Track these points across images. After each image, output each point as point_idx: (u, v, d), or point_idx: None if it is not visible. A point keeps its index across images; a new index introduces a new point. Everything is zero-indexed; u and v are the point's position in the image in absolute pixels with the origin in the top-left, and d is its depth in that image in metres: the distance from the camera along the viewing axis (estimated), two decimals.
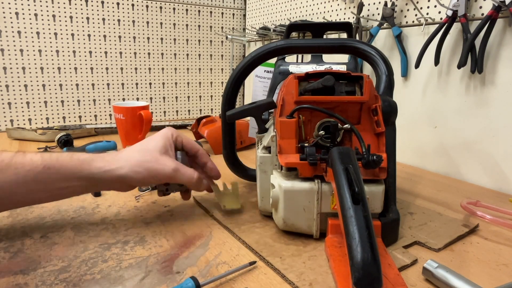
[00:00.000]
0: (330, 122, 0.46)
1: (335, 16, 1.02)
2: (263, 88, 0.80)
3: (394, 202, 0.47)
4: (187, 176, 0.49)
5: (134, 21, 1.27)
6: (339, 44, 0.56)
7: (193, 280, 0.35)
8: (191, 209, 0.56)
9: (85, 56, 1.22)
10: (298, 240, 0.47)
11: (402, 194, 0.65)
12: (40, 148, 0.89)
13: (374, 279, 0.30)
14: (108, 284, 0.37)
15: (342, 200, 0.35)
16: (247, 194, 0.63)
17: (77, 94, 1.23)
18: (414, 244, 0.47)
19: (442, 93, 0.78)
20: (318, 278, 0.39)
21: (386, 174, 0.45)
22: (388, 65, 0.53)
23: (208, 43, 1.43)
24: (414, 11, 0.81)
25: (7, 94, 1.12)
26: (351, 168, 0.37)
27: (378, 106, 0.46)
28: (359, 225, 0.32)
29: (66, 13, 1.16)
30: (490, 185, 0.71)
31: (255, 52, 0.56)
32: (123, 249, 0.44)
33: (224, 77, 1.50)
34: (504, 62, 0.67)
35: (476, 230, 0.51)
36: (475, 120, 0.72)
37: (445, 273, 0.37)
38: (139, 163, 0.47)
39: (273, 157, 0.50)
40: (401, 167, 0.83)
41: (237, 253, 0.44)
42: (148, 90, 1.35)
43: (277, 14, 1.26)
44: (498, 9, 0.64)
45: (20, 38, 1.11)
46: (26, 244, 0.44)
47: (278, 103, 0.48)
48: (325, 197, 0.44)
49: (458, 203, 0.59)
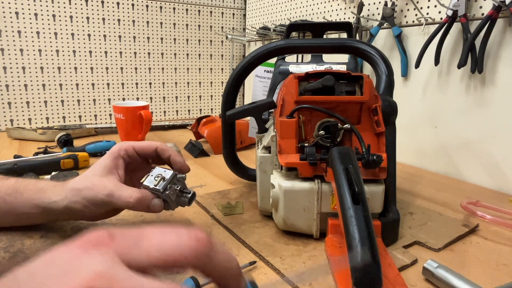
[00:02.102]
0: (330, 122, 0.46)
1: (335, 16, 1.02)
2: (263, 88, 0.80)
3: (394, 202, 0.47)
4: (122, 200, 0.42)
5: (134, 21, 1.27)
6: (339, 44, 0.56)
7: (193, 280, 0.35)
8: (191, 209, 0.56)
9: (85, 56, 1.22)
10: (298, 240, 0.47)
11: (402, 194, 0.65)
12: (40, 148, 0.89)
13: (374, 279, 0.30)
14: None
15: (342, 200, 0.35)
16: (247, 194, 0.63)
17: (77, 94, 1.23)
18: (414, 244, 0.47)
19: (442, 93, 0.78)
20: (318, 278, 0.39)
21: (386, 174, 0.45)
22: (388, 65, 0.53)
23: (208, 43, 1.43)
24: (414, 11, 0.81)
25: (7, 94, 1.12)
26: (351, 168, 0.37)
27: (378, 106, 0.46)
28: (359, 225, 0.32)
29: (66, 13, 1.16)
30: (490, 185, 0.71)
31: (255, 52, 0.56)
32: None
33: (224, 77, 1.50)
34: (504, 62, 0.67)
35: (476, 230, 0.51)
36: (475, 120, 0.72)
37: (445, 273, 0.37)
38: (76, 192, 0.43)
39: (273, 157, 0.50)
40: (401, 167, 0.83)
41: (237, 253, 0.44)
42: (148, 90, 1.35)
43: (277, 14, 1.26)
44: (498, 9, 0.64)
45: (20, 38, 1.11)
46: (26, 244, 0.44)
47: (278, 103, 0.48)
48: (325, 197, 0.44)
49: (458, 203, 0.59)
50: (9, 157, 0.78)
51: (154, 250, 0.23)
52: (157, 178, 0.43)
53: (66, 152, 0.78)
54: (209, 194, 0.62)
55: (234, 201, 0.59)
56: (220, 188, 0.65)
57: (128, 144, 0.47)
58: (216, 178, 0.71)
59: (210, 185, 0.67)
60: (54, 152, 0.83)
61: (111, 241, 0.23)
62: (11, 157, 0.78)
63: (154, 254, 0.23)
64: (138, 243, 0.24)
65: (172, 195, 0.43)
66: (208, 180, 0.70)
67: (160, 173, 0.43)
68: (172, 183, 0.43)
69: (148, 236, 0.24)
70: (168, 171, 0.44)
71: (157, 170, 0.44)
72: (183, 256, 0.23)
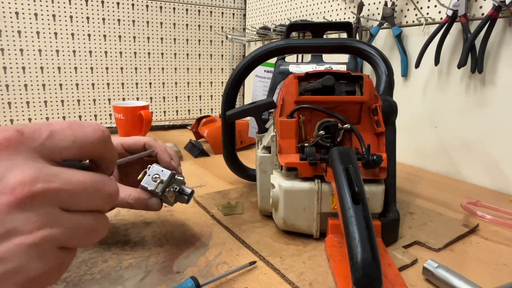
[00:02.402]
0: (330, 122, 0.46)
1: (335, 16, 1.02)
2: (263, 88, 0.80)
3: (394, 202, 0.47)
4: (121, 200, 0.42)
5: (134, 21, 1.27)
6: (339, 44, 0.56)
7: (193, 280, 0.35)
8: (191, 209, 0.56)
9: (85, 56, 1.22)
10: (298, 240, 0.47)
11: (402, 194, 0.65)
12: None
13: (374, 279, 0.30)
14: (108, 284, 0.37)
15: (342, 200, 0.35)
16: (247, 194, 0.63)
17: (77, 94, 1.23)
18: (414, 244, 0.47)
19: (442, 93, 0.78)
20: (318, 278, 0.39)
21: (386, 174, 0.45)
22: (388, 65, 0.53)
23: (208, 43, 1.43)
24: (414, 11, 0.81)
25: (7, 93, 1.12)
26: (351, 168, 0.37)
27: (378, 106, 0.46)
28: (359, 225, 0.32)
29: (66, 13, 1.16)
30: (490, 185, 0.71)
31: (255, 52, 0.56)
32: (123, 249, 0.44)
33: (224, 77, 1.50)
34: (504, 62, 0.67)
35: (476, 230, 0.51)
36: (475, 120, 0.72)
37: (445, 273, 0.37)
38: None
39: (273, 157, 0.50)
40: (401, 167, 0.83)
41: (237, 253, 0.44)
42: (148, 90, 1.35)
43: (277, 14, 1.26)
44: (498, 9, 0.64)
45: (20, 38, 1.11)
46: None
47: (278, 103, 0.48)
48: (325, 197, 0.44)
49: (458, 203, 0.59)
50: None
51: (67, 142, 0.24)
52: (154, 178, 0.42)
53: None
54: (209, 194, 0.62)
55: (234, 201, 0.59)
56: (220, 188, 0.65)
57: (116, 142, 0.45)
58: (216, 178, 0.71)
59: (210, 185, 0.67)
60: None
61: (22, 137, 0.22)
62: None
63: (68, 145, 0.24)
64: (50, 136, 0.24)
65: (171, 197, 0.43)
66: (208, 180, 0.70)
67: (157, 174, 0.42)
68: (170, 184, 0.43)
69: (57, 128, 0.24)
70: (165, 171, 0.42)
71: (154, 169, 0.42)
72: (93, 145, 0.26)
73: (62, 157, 0.24)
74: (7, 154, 0.21)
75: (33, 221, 0.21)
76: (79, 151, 0.25)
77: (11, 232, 0.20)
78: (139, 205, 0.42)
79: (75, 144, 0.24)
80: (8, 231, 0.20)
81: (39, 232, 0.21)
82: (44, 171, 0.22)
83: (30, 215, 0.21)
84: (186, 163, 0.82)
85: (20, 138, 0.22)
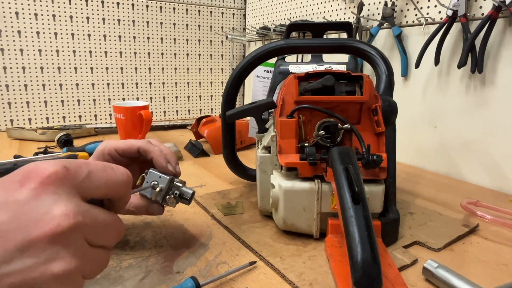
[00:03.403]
0: (330, 122, 0.46)
1: (335, 16, 1.02)
2: (263, 88, 0.80)
3: (394, 202, 0.47)
4: None
5: (134, 21, 1.27)
6: (339, 44, 0.56)
7: (193, 280, 0.35)
8: (191, 209, 0.56)
9: (85, 56, 1.22)
10: (298, 240, 0.47)
11: (402, 194, 0.65)
12: (40, 148, 0.89)
13: (374, 279, 0.30)
14: (108, 284, 0.37)
15: (342, 200, 0.35)
16: (247, 194, 0.63)
17: (77, 94, 1.23)
18: (414, 244, 0.47)
19: (442, 93, 0.78)
20: (318, 278, 0.39)
21: (386, 174, 0.45)
22: (388, 65, 0.53)
23: (208, 43, 1.43)
24: (414, 11, 0.81)
25: (7, 93, 1.12)
26: (351, 168, 0.37)
27: (378, 106, 0.46)
28: (359, 225, 0.32)
29: (66, 13, 1.16)
30: (490, 185, 0.71)
31: (255, 52, 0.56)
32: (123, 249, 0.44)
33: (224, 77, 1.50)
34: (504, 62, 0.67)
35: (476, 230, 0.51)
36: (475, 120, 0.72)
37: (445, 273, 0.37)
38: None
39: (273, 157, 0.50)
40: (401, 167, 0.83)
41: (237, 253, 0.44)
42: (148, 90, 1.35)
43: (277, 14, 1.26)
44: (498, 9, 0.64)
45: (20, 38, 1.11)
46: None
47: (278, 103, 0.48)
48: (325, 197, 0.44)
49: (458, 203, 0.59)
50: (9, 157, 0.78)
51: (100, 182, 0.27)
52: (153, 186, 0.41)
53: (66, 152, 0.78)
54: (209, 194, 0.62)
55: (234, 201, 0.59)
56: (220, 188, 0.65)
57: (110, 147, 0.44)
58: (216, 178, 0.71)
59: (210, 185, 0.67)
60: (54, 152, 0.83)
61: (68, 174, 0.25)
62: (11, 157, 0.78)
63: (101, 186, 0.27)
64: (88, 176, 0.26)
65: (172, 203, 0.42)
66: (208, 180, 0.70)
67: (155, 180, 0.41)
68: (169, 189, 0.42)
69: (94, 169, 0.27)
70: (163, 177, 0.41)
71: (152, 175, 0.41)
72: (119, 188, 0.29)
73: (93, 195, 0.27)
74: (55, 187, 0.24)
75: (71, 253, 0.23)
76: (107, 191, 0.28)
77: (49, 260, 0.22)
78: (141, 212, 0.43)
79: (106, 185, 0.27)
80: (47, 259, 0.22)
81: (72, 263, 0.23)
82: (82, 206, 0.25)
83: (68, 246, 0.23)
84: (186, 163, 0.82)
85: (66, 174, 0.25)
